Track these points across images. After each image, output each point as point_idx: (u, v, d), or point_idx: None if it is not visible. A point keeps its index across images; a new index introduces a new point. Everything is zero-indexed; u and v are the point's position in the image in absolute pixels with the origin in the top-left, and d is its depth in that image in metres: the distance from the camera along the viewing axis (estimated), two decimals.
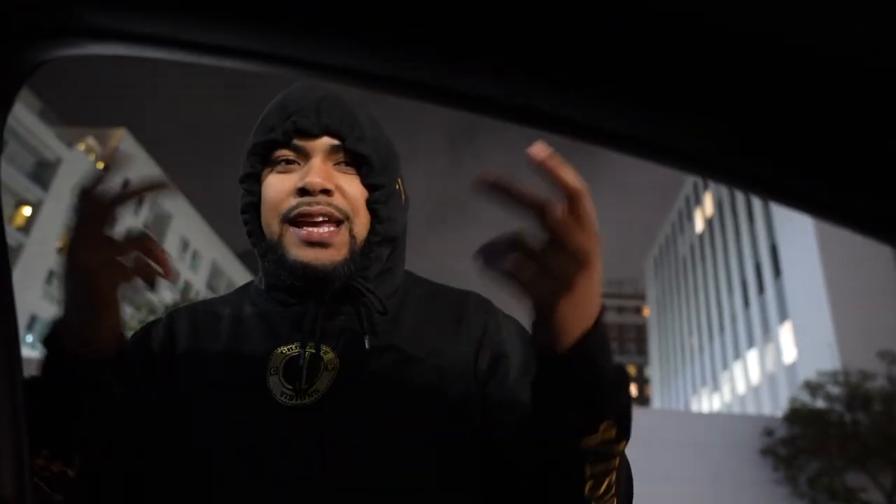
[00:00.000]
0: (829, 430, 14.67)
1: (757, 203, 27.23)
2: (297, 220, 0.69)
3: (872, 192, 0.25)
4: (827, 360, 19.27)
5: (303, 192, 0.68)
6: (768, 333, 25.86)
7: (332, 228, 0.69)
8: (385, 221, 0.73)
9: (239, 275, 52.36)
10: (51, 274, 31.56)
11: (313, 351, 0.68)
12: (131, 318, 17.82)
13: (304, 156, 0.71)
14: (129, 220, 37.19)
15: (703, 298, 35.34)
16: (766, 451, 16.16)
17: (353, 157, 0.72)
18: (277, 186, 0.71)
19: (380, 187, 0.72)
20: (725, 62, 0.24)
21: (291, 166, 0.71)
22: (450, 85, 0.32)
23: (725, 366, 31.29)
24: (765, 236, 26.29)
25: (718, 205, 32.90)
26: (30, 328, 29.94)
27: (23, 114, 28.67)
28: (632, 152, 0.32)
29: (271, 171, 0.72)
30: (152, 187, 0.57)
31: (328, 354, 0.69)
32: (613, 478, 0.59)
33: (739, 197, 29.59)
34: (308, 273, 0.68)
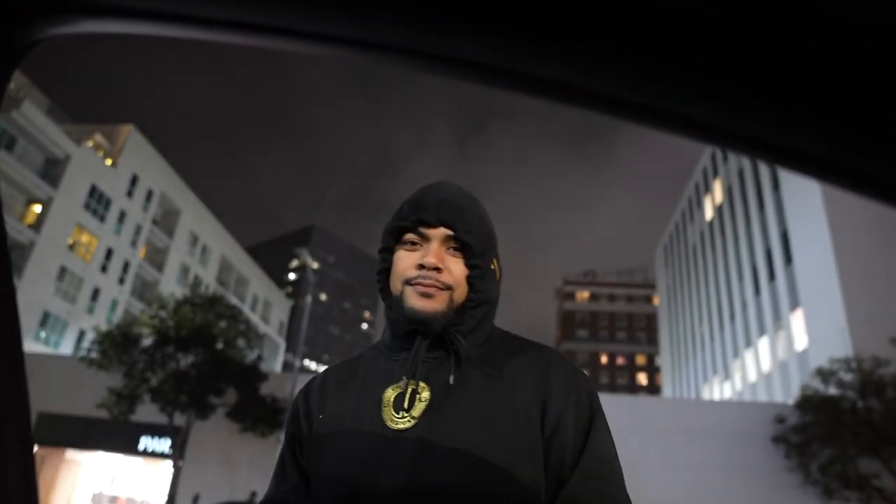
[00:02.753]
0: (842, 417, 14.59)
1: (767, 189, 27.00)
2: (414, 283, 0.96)
3: (882, 152, 0.24)
4: (839, 346, 19.15)
5: (421, 267, 0.96)
6: (779, 321, 25.72)
7: (437, 290, 0.95)
8: (479, 292, 0.98)
9: (248, 269, 52.62)
10: (62, 270, 31.83)
11: (415, 387, 0.95)
12: (142, 312, 17.96)
13: (426, 240, 0.98)
14: (138, 217, 37.44)
15: (713, 286, 35.17)
16: (778, 439, 16.12)
17: (460, 244, 0.98)
18: (405, 260, 0.98)
19: (477, 267, 0.98)
20: (731, 20, 0.24)
21: (416, 247, 0.99)
22: (451, 52, 0.31)
23: (736, 354, 31.17)
24: (775, 223, 26.08)
25: (728, 191, 32.65)
26: (42, 324, 30.27)
27: (31, 111, 28.84)
28: (632, 118, 0.31)
29: (401, 248, 1.00)
30: None
31: (424, 390, 0.94)
32: None
33: (749, 183, 29.35)
34: (418, 315, 0.94)
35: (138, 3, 0.37)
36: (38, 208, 30.76)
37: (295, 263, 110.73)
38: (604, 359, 73.61)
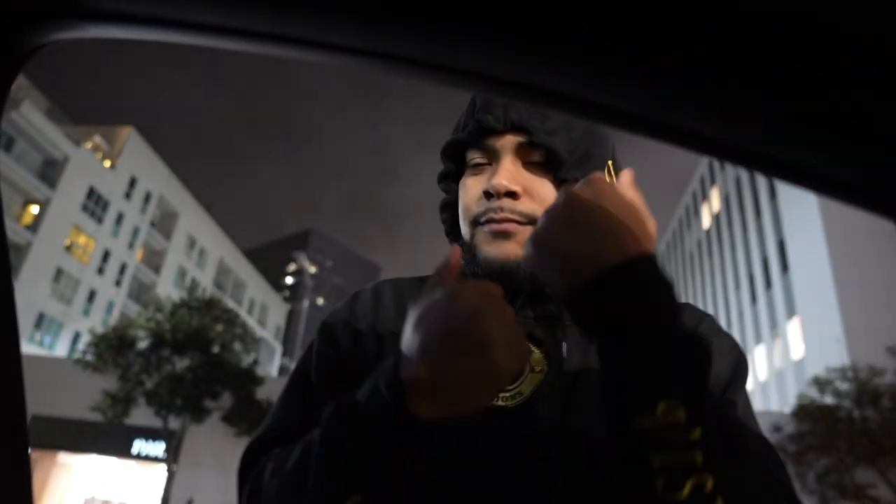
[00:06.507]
0: (838, 427, 14.58)
1: (764, 198, 27.06)
2: (484, 222, 0.68)
3: (874, 164, 0.25)
4: (835, 355, 19.15)
5: (488, 195, 0.67)
6: (776, 329, 25.73)
7: (517, 225, 0.66)
8: None
9: (245, 272, 52.51)
10: (59, 272, 31.72)
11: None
12: (138, 315, 17.90)
13: (494, 155, 0.69)
14: (135, 219, 37.37)
15: (710, 294, 35.18)
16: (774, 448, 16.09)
17: (544, 153, 0.67)
18: (469, 189, 0.70)
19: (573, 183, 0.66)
20: (729, 33, 0.24)
21: (483, 167, 0.70)
22: (455, 63, 0.31)
23: None
24: (772, 231, 26.13)
25: (725, 200, 32.71)
26: (38, 326, 30.12)
27: (30, 112, 28.80)
28: (630, 129, 0.31)
29: (467, 174, 0.71)
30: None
31: (535, 354, 0.65)
32: (709, 483, 0.46)
33: (746, 192, 29.41)
34: (494, 266, 0.66)
35: (142, 9, 0.36)
36: (35, 209, 30.67)
37: (292, 267, 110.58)
38: None
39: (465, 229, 0.71)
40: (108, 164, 35.49)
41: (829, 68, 0.23)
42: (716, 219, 34.43)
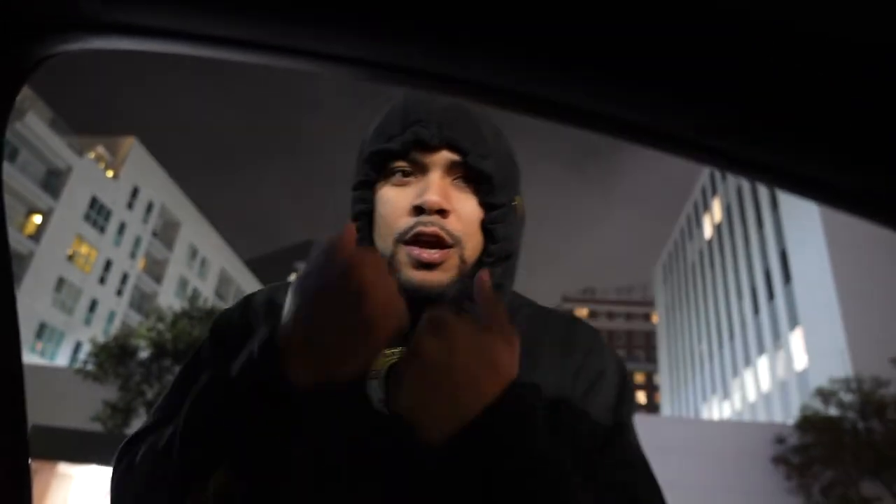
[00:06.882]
0: (843, 438, 14.48)
1: (766, 208, 27.06)
2: (411, 240, 0.67)
3: (876, 173, 0.25)
4: (839, 366, 19.06)
5: (419, 210, 0.67)
6: (779, 340, 25.62)
7: (440, 251, 0.67)
8: (501, 241, 0.70)
9: (247, 282, 52.52)
10: (60, 281, 31.75)
11: None
12: (140, 325, 17.89)
13: (422, 169, 0.69)
14: (138, 229, 37.44)
15: (712, 305, 35.09)
16: (778, 460, 15.97)
17: (472, 174, 0.69)
18: (393, 203, 0.69)
19: (497, 207, 0.70)
20: (731, 44, 0.24)
21: (408, 179, 0.69)
22: (455, 73, 0.31)
23: (736, 373, 31.01)
24: (774, 242, 26.10)
25: (727, 210, 32.72)
26: (39, 335, 30.10)
27: (34, 123, 28.97)
28: (632, 139, 0.31)
29: (387, 182, 0.71)
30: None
31: None
32: None
33: (748, 202, 29.42)
34: (417, 293, 0.66)
35: (145, 21, 0.37)
36: (38, 219, 30.75)
37: (294, 277, 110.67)
38: None
39: (384, 243, 0.69)
40: (110, 174, 35.62)
41: (831, 76, 0.23)
42: (717, 229, 34.41)
